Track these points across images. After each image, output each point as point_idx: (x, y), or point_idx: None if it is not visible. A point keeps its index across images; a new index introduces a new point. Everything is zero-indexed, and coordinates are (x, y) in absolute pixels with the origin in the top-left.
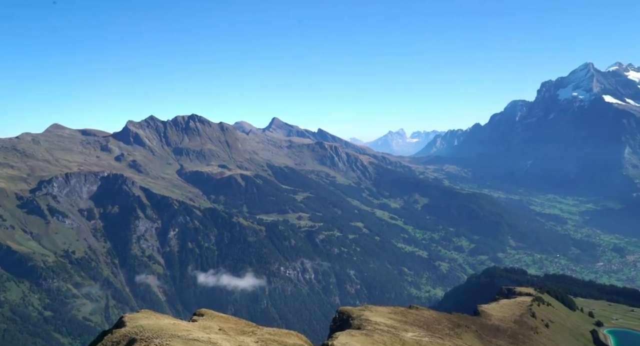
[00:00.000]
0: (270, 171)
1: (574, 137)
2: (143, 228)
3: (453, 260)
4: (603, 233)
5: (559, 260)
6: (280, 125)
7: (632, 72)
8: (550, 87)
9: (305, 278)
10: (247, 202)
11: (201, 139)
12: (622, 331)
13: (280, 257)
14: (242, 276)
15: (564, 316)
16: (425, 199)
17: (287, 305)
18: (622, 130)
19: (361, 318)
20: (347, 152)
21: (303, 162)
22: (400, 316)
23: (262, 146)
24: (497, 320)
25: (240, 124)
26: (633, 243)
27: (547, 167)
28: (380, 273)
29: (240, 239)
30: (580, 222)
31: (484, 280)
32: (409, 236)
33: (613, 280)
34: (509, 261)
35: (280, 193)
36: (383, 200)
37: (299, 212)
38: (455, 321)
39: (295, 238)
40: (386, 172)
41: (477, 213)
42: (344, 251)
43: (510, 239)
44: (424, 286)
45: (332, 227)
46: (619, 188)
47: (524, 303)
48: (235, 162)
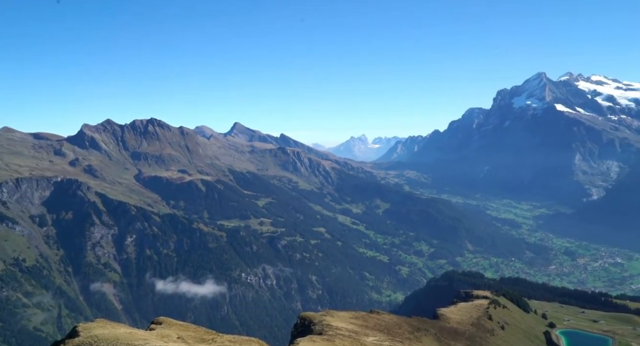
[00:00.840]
0: (231, 176)
1: (528, 144)
2: (99, 235)
3: (413, 264)
4: (555, 237)
5: (514, 263)
6: (242, 130)
7: (582, 82)
8: (505, 96)
9: (266, 284)
10: (208, 208)
11: (160, 144)
12: (573, 332)
13: (242, 262)
14: (202, 283)
15: (518, 318)
16: (387, 204)
17: (248, 311)
18: (572, 138)
19: (323, 323)
20: (310, 158)
21: (265, 167)
22: (361, 321)
23: (223, 151)
24: (456, 322)
25: (201, 129)
26: (583, 246)
27: (502, 173)
28: (342, 278)
29: (200, 245)
30: (534, 226)
31: (443, 283)
32: (371, 241)
33: (565, 282)
34: (466, 265)
35: (242, 199)
36: (345, 205)
37: (261, 217)
38: (415, 325)
39: (257, 244)
40: (348, 177)
41: (436, 218)
42: (306, 256)
43: (468, 243)
44: (384, 291)
45: (294, 232)
46: (570, 193)
47: (481, 306)
48: (195, 167)
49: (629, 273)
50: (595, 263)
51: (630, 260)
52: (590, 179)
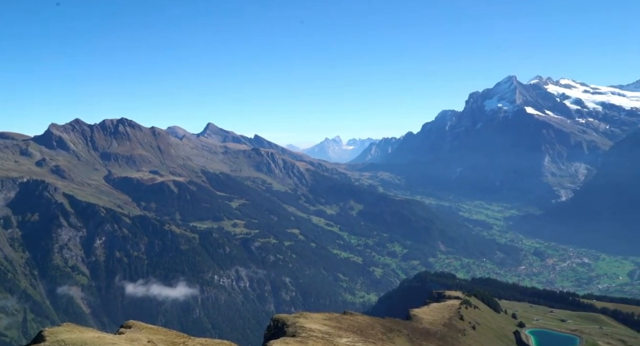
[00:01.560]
0: (204, 177)
1: (499, 146)
2: (66, 237)
3: (386, 265)
4: (525, 238)
5: (485, 264)
6: (216, 131)
7: (551, 85)
8: (477, 98)
9: (239, 286)
10: (180, 209)
11: (131, 144)
12: (542, 331)
13: (214, 265)
14: (173, 285)
15: (489, 318)
16: (360, 205)
17: (221, 314)
18: (542, 140)
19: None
20: (284, 159)
21: (239, 168)
22: (334, 322)
23: (196, 152)
24: (428, 323)
25: (173, 129)
26: (552, 247)
27: (474, 175)
28: (316, 279)
29: (172, 247)
30: (504, 227)
31: (416, 284)
32: (344, 242)
33: (534, 282)
34: (439, 265)
35: (215, 200)
36: (319, 206)
37: (234, 219)
38: (388, 326)
39: (230, 245)
40: (322, 178)
41: (410, 219)
42: (279, 258)
43: (440, 244)
44: (358, 292)
45: (268, 233)
46: (540, 194)
47: (453, 306)
48: (167, 167)
49: (596, 273)
50: (564, 263)
51: (597, 260)
52: (559, 181)
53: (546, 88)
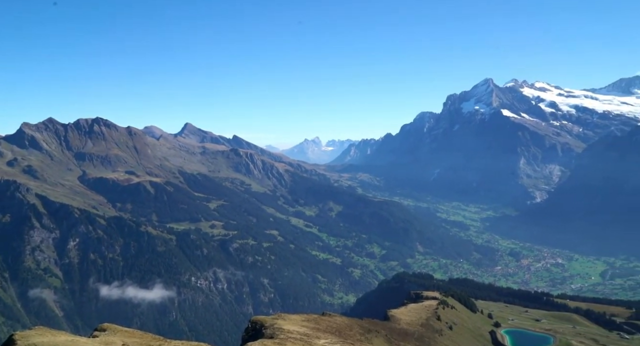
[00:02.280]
0: (182, 178)
1: (476, 148)
2: (38, 239)
3: (365, 266)
4: (501, 239)
5: (462, 264)
6: (194, 131)
7: (527, 88)
8: (455, 100)
9: (217, 288)
10: (157, 210)
11: (107, 144)
12: (517, 331)
13: (192, 266)
14: (150, 288)
15: (466, 318)
16: (340, 207)
17: (198, 316)
18: (517, 142)
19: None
20: (263, 160)
21: (217, 169)
22: (313, 323)
23: (173, 152)
24: (406, 323)
25: (150, 129)
26: (527, 247)
27: (452, 176)
28: (295, 281)
29: (148, 249)
30: (481, 228)
31: (394, 285)
32: (323, 243)
33: (510, 282)
34: (417, 266)
35: (193, 201)
36: (298, 207)
37: (212, 220)
38: (366, 327)
39: (207, 247)
40: (302, 179)
41: (388, 220)
42: (258, 259)
43: (418, 245)
44: (337, 293)
45: (246, 235)
46: (515, 196)
47: (430, 306)
48: (144, 168)
49: (569, 273)
50: (538, 263)
51: (570, 261)
52: (534, 182)
53: (522, 91)
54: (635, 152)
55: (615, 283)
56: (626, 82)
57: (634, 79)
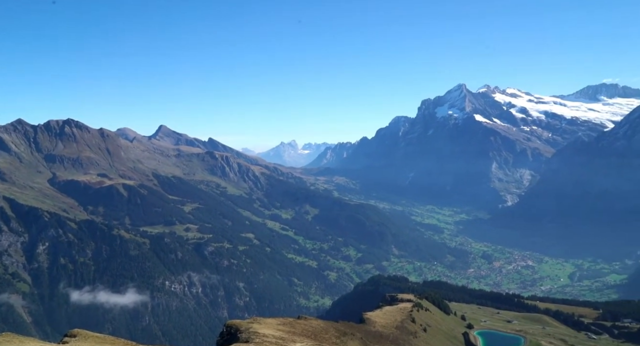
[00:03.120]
0: (156, 181)
1: (449, 152)
2: (6, 243)
3: (341, 269)
4: (474, 242)
5: (436, 267)
6: (168, 133)
7: (498, 94)
8: (429, 105)
9: (192, 292)
10: (130, 214)
11: (78, 146)
12: (489, 332)
13: (166, 270)
14: (122, 292)
15: (439, 320)
16: (316, 210)
17: (172, 321)
18: (489, 147)
19: (249, 331)
20: (239, 162)
21: (192, 172)
22: (288, 327)
23: (147, 154)
24: (381, 326)
25: (123, 131)
26: (499, 250)
27: (426, 180)
28: (270, 284)
29: (121, 253)
30: (454, 231)
31: (370, 288)
32: (300, 246)
33: (482, 285)
34: (392, 269)
35: (167, 204)
36: (274, 210)
37: (187, 223)
38: (342, 330)
39: (182, 250)
40: (278, 182)
41: (364, 223)
42: (233, 263)
43: (393, 248)
44: (312, 296)
45: (221, 238)
46: (487, 199)
47: (405, 309)
48: (117, 170)
49: (539, 275)
50: (510, 266)
51: (540, 263)
52: (505, 186)
53: (494, 96)
54: (602, 157)
55: (583, 284)
56: (593, 89)
57: (600, 86)
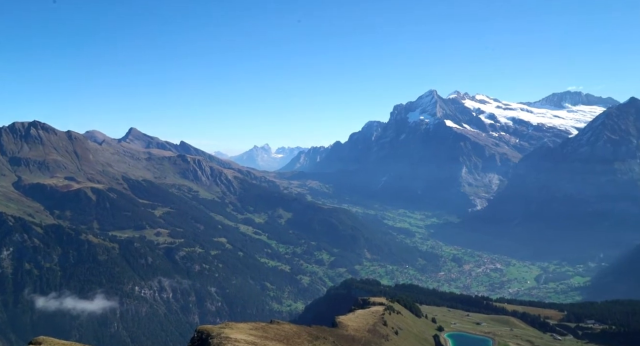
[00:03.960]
0: (126, 184)
1: (421, 157)
2: None
3: (314, 273)
4: (444, 245)
5: (408, 270)
6: (139, 136)
7: (468, 100)
8: (401, 110)
9: (162, 297)
10: (99, 218)
11: (44, 148)
12: (459, 334)
13: (135, 275)
14: (90, 298)
15: (411, 323)
16: (289, 214)
17: (141, 327)
18: (459, 152)
19: (221, 336)
20: (211, 166)
21: (163, 175)
22: (261, 331)
23: (117, 158)
24: (353, 330)
25: (92, 133)
26: (468, 253)
27: (398, 184)
28: (243, 289)
29: (88, 258)
30: (426, 234)
31: (342, 291)
32: (273, 251)
33: (452, 287)
34: (364, 272)
35: (137, 208)
36: (247, 214)
37: (157, 227)
38: (314, 334)
39: (152, 255)
40: (251, 186)
41: (337, 227)
42: (205, 267)
43: (366, 252)
44: (285, 301)
45: (193, 242)
46: (457, 203)
47: (377, 312)
48: (85, 174)
49: (507, 278)
50: (479, 269)
51: (508, 266)
52: (475, 191)
53: (463, 102)
54: (566, 163)
55: (549, 287)
56: (558, 96)
57: (564, 93)
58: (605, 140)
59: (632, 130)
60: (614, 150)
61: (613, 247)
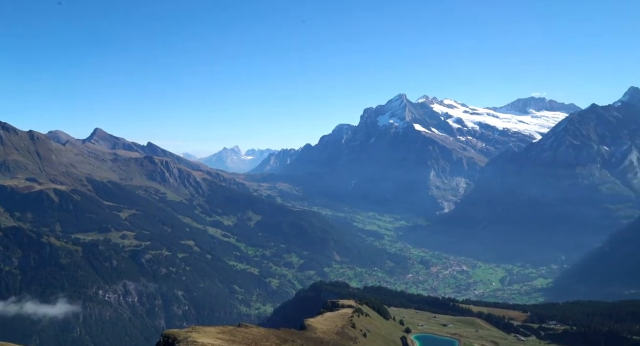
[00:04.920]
0: (90, 186)
1: (390, 160)
2: None
3: (283, 276)
4: (413, 247)
5: (377, 272)
6: (104, 137)
7: (436, 104)
8: (371, 114)
9: (127, 301)
10: (61, 220)
11: (5, 149)
12: (426, 336)
13: (99, 279)
14: (52, 302)
15: (379, 325)
16: (259, 216)
17: (105, 331)
18: (428, 156)
19: (188, 340)
20: (180, 168)
21: (130, 177)
22: (228, 335)
23: (81, 158)
24: (322, 332)
25: (55, 134)
26: (436, 256)
27: (368, 187)
28: (211, 292)
29: (50, 261)
30: (394, 237)
31: (311, 294)
32: (241, 253)
33: (420, 289)
34: (334, 275)
35: (102, 210)
36: (216, 217)
37: (123, 230)
38: (283, 337)
39: (117, 258)
40: (220, 188)
41: (307, 230)
42: (172, 271)
43: (335, 254)
44: (254, 304)
45: (160, 245)
46: (426, 206)
47: (345, 315)
48: (47, 175)
49: (473, 280)
50: (446, 271)
51: (474, 268)
52: (443, 194)
53: (432, 107)
54: (531, 167)
55: (513, 288)
56: (523, 102)
57: (529, 99)
58: (568, 145)
59: (592, 135)
60: (575, 155)
61: (574, 249)
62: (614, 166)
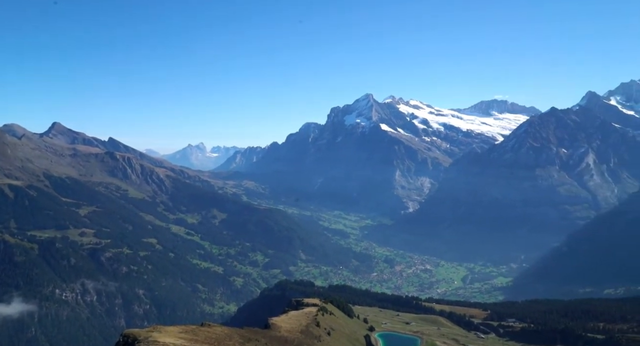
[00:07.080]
0: (47, 182)
1: (357, 159)
2: None
3: (248, 275)
4: (378, 246)
5: (342, 271)
6: (63, 131)
7: (403, 105)
8: (338, 113)
9: (85, 300)
10: (16, 217)
11: None
12: (389, 334)
13: (56, 278)
14: (6, 301)
15: (343, 323)
16: (224, 214)
17: (61, 331)
18: (394, 156)
19: (148, 340)
20: (142, 164)
21: (90, 173)
22: (191, 335)
23: (38, 153)
24: (286, 331)
25: (10, 127)
26: (400, 254)
27: (334, 186)
28: (173, 291)
29: (4, 259)
30: (360, 236)
31: (276, 293)
32: (205, 252)
33: (384, 288)
34: (299, 274)
35: (60, 207)
36: (180, 215)
37: (82, 227)
38: (247, 336)
39: (75, 256)
40: (184, 186)
41: (273, 228)
42: (133, 269)
43: (301, 253)
44: (217, 303)
45: (121, 243)
46: (391, 206)
47: (310, 313)
48: (2, 170)
49: (436, 279)
50: (410, 269)
51: (437, 267)
52: (407, 193)
53: (398, 107)
54: (493, 168)
55: (474, 287)
56: (486, 104)
57: (492, 101)
58: (528, 147)
59: (552, 138)
60: (535, 157)
61: (533, 249)
62: (572, 168)
